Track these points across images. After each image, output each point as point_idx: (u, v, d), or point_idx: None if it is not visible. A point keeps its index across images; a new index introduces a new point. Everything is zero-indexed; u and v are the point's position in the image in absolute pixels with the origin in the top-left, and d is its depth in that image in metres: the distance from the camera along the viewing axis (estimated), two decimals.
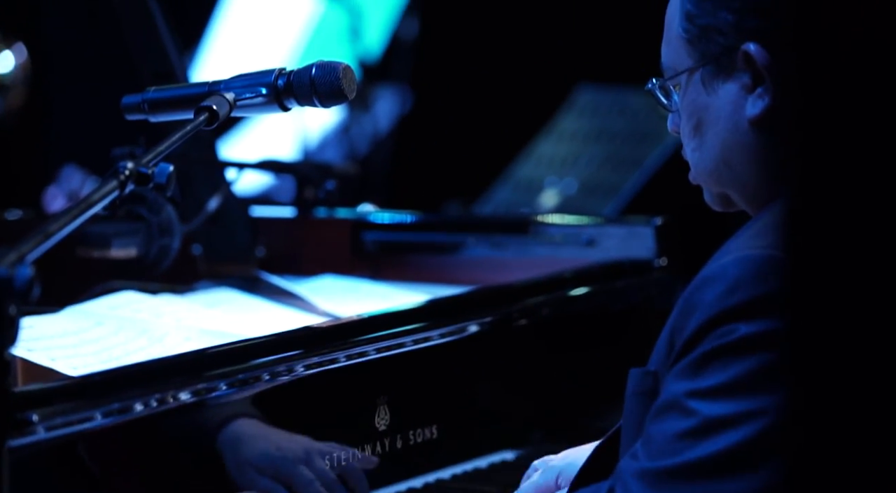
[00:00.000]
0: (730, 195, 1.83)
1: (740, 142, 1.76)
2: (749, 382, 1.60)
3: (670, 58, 1.82)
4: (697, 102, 1.78)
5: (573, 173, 3.96)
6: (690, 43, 1.78)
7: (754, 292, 1.61)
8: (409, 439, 2.20)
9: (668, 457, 1.62)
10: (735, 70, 1.75)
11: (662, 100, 1.84)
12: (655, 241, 2.61)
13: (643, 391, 1.74)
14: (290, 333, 2.12)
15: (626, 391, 1.77)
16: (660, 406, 1.67)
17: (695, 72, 1.78)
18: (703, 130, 1.79)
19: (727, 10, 1.74)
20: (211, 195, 2.67)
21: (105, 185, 1.78)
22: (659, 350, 1.74)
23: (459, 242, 2.81)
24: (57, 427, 1.74)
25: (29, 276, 1.51)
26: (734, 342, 1.61)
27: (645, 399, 1.73)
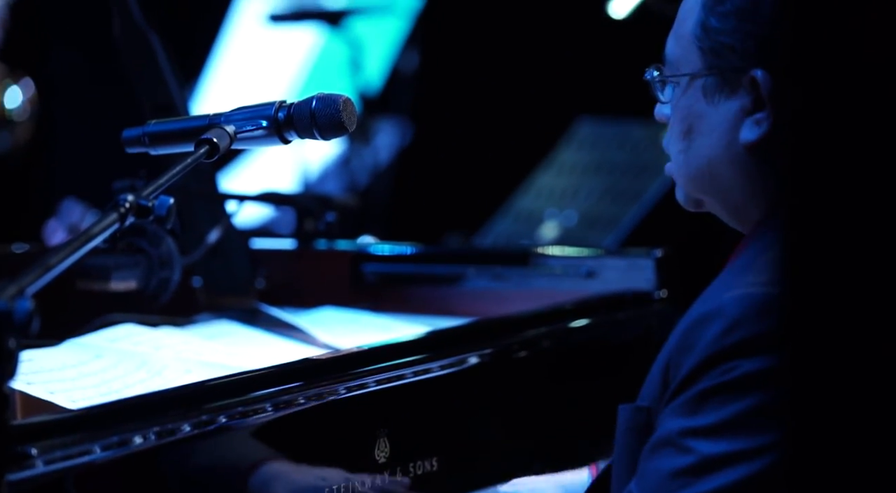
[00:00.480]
0: (704, 202, 1.82)
1: (730, 159, 1.76)
2: (747, 420, 1.59)
3: (675, 54, 1.81)
4: (694, 108, 1.78)
5: (573, 205, 3.97)
6: (701, 50, 1.77)
7: (754, 330, 1.61)
8: (410, 471, 2.19)
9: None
10: (739, 89, 1.74)
11: (658, 91, 1.84)
12: (655, 273, 2.62)
13: (636, 427, 1.73)
14: (290, 365, 2.11)
15: (618, 428, 1.76)
16: (655, 443, 1.66)
17: (698, 78, 1.77)
18: (694, 137, 1.79)
19: (750, 35, 1.73)
20: (211, 228, 2.67)
21: (105, 217, 1.78)
22: (650, 385, 1.74)
23: (460, 274, 2.81)
24: (56, 461, 1.74)
25: (29, 309, 1.51)
26: (734, 380, 1.60)
27: (638, 435, 1.72)
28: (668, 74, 1.81)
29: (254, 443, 2.01)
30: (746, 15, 1.73)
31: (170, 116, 2.36)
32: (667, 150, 1.84)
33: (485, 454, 2.35)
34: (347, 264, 2.88)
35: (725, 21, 1.74)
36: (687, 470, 1.60)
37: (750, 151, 1.75)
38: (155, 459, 1.89)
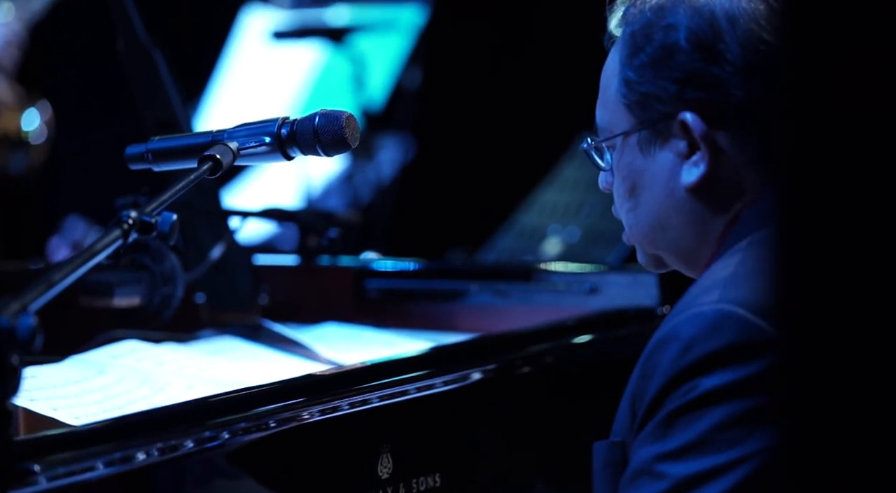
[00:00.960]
0: (663, 257, 1.85)
1: (675, 206, 1.79)
2: (715, 436, 1.60)
3: (605, 119, 1.85)
4: (633, 165, 1.81)
5: (576, 221, 3.97)
6: (628, 107, 1.80)
7: (709, 347, 1.62)
8: (412, 487, 2.19)
9: None
10: (671, 137, 1.78)
11: (596, 159, 1.86)
12: (659, 289, 2.62)
13: (612, 463, 1.73)
14: (292, 381, 2.11)
15: (594, 466, 1.77)
16: (630, 475, 1.66)
17: (631, 135, 1.80)
18: (638, 193, 1.81)
19: (668, 80, 1.76)
20: (214, 244, 2.67)
21: (108, 234, 1.79)
22: (621, 419, 1.74)
23: (462, 290, 2.81)
24: (59, 477, 1.74)
25: (32, 325, 1.52)
26: (696, 399, 1.61)
27: (615, 470, 1.72)
28: (601, 140, 1.84)
29: (257, 459, 2.01)
30: (663, 61, 1.76)
31: (173, 133, 2.36)
32: (617, 215, 1.86)
33: (487, 470, 2.35)
34: (350, 280, 2.88)
35: (644, 72, 1.78)
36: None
37: (693, 192, 1.78)
38: (158, 475, 1.88)
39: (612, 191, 1.86)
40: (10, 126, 4.19)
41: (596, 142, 1.86)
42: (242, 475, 2.00)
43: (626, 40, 1.81)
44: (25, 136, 4.22)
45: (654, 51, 1.78)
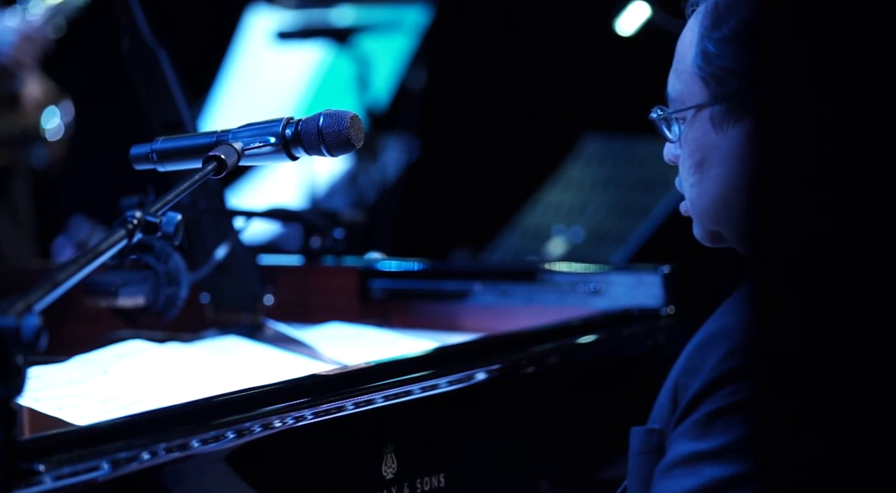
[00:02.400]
0: (723, 234, 1.82)
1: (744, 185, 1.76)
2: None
3: (678, 90, 1.81)
4: (703, 139, 1.77)
5: (580, 221, 3.97)
6: (703, 80, 1.77)
7: None
8: (416, 487, 2.19)
9: None
10: (745, 114, 1.74)
11: (664, 130, 1.84)
12: (663, 289, 2.61)
13: (648, 450, 1.72)
14: (297, 381, 2.11)
15: (630, 450, 1.76)
16: (666, 466, 1.66)
17: (703, 109, 1.77)
18: (707, 168, 1.78)
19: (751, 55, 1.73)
20: (219, 244, 2.67)
21: (113, 234, 1.79)
22: (661, 407, 1.74)
23: (467, 290, 2.81)
24: (64, 477, 1.74)
25: (36, 325, 1.52)
26: (739, 403, 1.60)
27: (650, 457, 1.71)
28: (672, 111, 1.81)
29: (262, 459, 2.01)
30: (745, 37, 1.73)
31: (178, 133, 2.36)
32: (680, 188, 1.84)
33: (492, 470, 2.35)
34: (355, 280, 2.88)
35: (724, 46, 1.74)
36: (699, 489, 1.61)
37: None
38: (163, 475, 1.89)
39: (677, 164, 1.84)
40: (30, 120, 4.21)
41: (666, 113, 1.83)
42: (247, 474, 2.00)
43: (708, 11, 1.77)
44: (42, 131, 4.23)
45: (738, 25, 1.73)
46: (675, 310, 2.61)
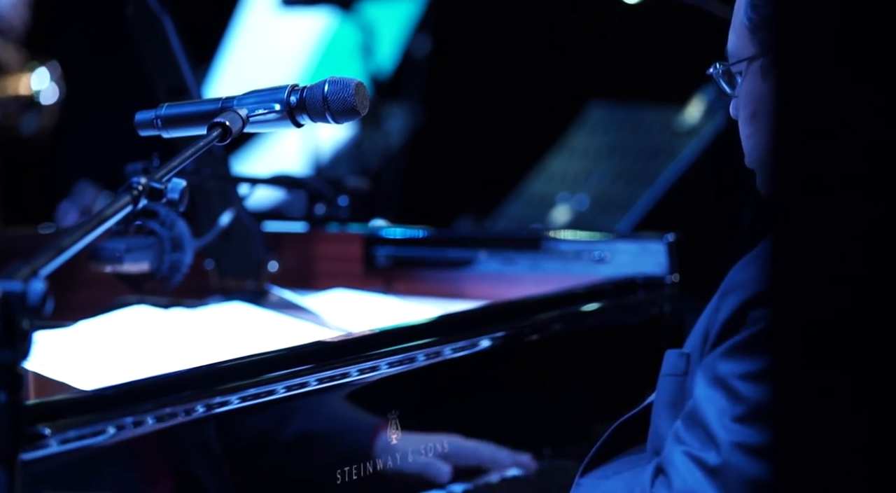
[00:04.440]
0: None
1: None
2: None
3: (733, 43, 1.85)
4: (755, 90, 1.80)
5: (585, 189, 3.97)
6: (752, 32, 1.80)
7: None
8: (420, 453, 2.20)
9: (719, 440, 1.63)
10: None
11: (724, 85, 1.86)
12: (668, 257, 2.61)
13: (676, 373, 1.76)
14: (302, 347, 2.12)
15: (661, 372, 1.81)
16: (706, 381, 1.68)
17: (755, 61, 1.79)
18: (759, 119, 1.81)
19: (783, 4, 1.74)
20: (223, 210, 2.67)
21: (118, 200, 1.79)
22: (695, 332, 1.77)
23: (471, 258, 2.81)
24: (70, 441, 1.75)
25: (42, 290, 1.52)
26: None
27: (677, 380, 1.75)
28: (728, 64, 1.84)
29: (266, 425, 2.02)
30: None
31: (182, 100, 2.36)
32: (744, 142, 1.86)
33: (495, 436, 2.35)
34: (359, 247, 2.89)
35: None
36: (739, 417, 1.63)
37: None
38: (168, 439, 1.90)
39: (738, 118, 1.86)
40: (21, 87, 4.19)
41: (724, 67, 1.85)
42: (252, 440, 2.01)
43: None
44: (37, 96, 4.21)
45: None
46: (679, 278, 2.61)
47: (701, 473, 1.67)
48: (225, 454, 1.98)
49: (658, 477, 1.72)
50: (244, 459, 2.00)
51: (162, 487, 1.91)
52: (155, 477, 1.90)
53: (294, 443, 2.07)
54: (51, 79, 4.21)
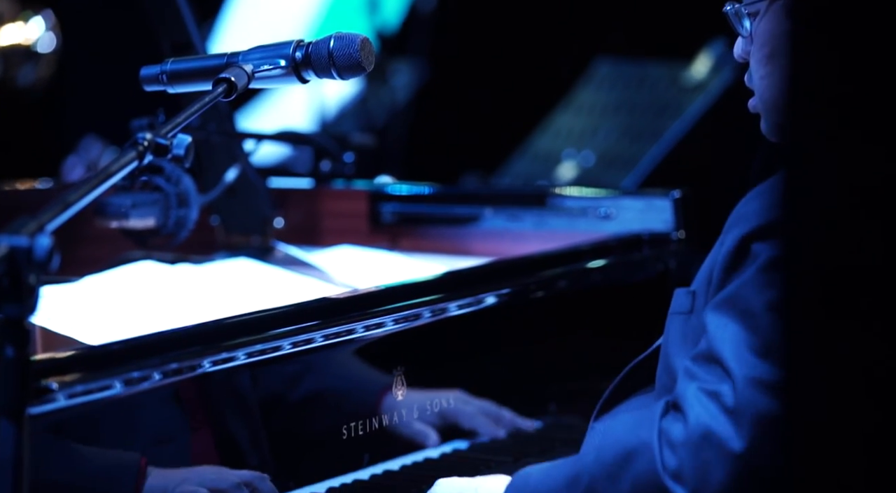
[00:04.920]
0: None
1: None
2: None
3: None
4: (776, 30, 1.79)
5: (591, 146, 3.96)
6: None
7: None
8: (426, 409, 2.21)
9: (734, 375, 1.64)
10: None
11: (736, 24, 1.85)
12: (674, 214, 2.61)
13: (683, 311, 1.77)
14: (307, 303, 2.12)
15: (669, 311, 1.83)
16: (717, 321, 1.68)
17: (777, 1, 1.78)
18: (777, 60, 1.80)
19: None
20: (229, 166, 2.67)
21: (124, 155, 1.79)
22: (702, 270, 1.78)
23: (476, 214, 2.81)
24: (77, 395, 1.76)
25: (48, 245, 1.52)
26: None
27: (683, 318, 1.76)
28: (747, 3, 1.83)
29: (272, 380, 2.03)
30: None
31: (188, 55, 2.35)
32: (749, 84, 1.85)
33: (500, 393, 2.36)
34: (365, 204, 2.88)
35: None
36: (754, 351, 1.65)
37: None
38: (174, 394, 1.90)
39: (747, 60, 1.85)
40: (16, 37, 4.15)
41: (739, 7, 1.84)
42: (257, 395, 2.02)
43: None
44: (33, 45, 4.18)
45: None
46: (685, 234, 2.61)
47: (716, 408, 1.67)
48: (230, 409, 1.99)
49: (669, 413, 1.73)
50: (249, 414, 2.01)
51: (168, 441, 1.92)
52: (161, 431, 1.91)
53: (300, 399, 2.08)
54: (46, 27, 4.18)
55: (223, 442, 1.98)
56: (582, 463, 1.79)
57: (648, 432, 1.72)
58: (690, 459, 1.68)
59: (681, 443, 1.69)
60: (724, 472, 1.64)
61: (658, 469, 1.69)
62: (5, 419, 1.50)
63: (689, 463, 1.68)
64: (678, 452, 1.69)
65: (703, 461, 1.67)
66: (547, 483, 1.81)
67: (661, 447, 1.70)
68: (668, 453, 1.69)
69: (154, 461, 1.87)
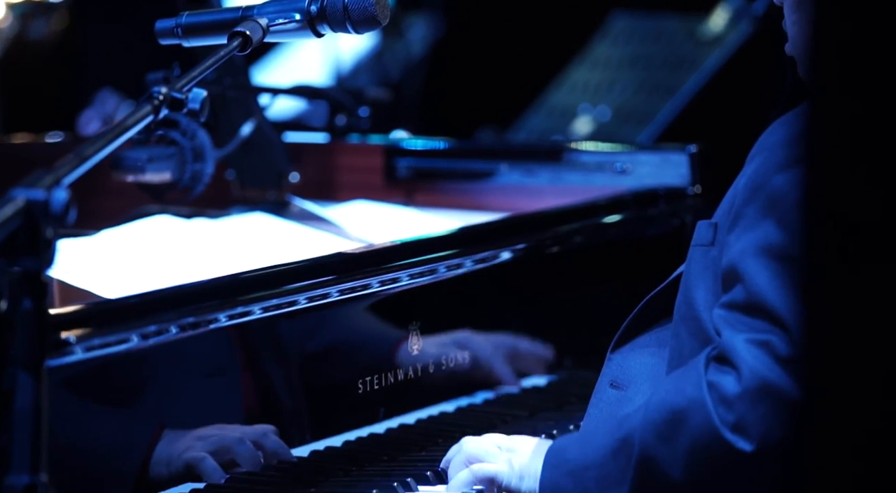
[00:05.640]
0: None
1: None
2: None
3: None
4: None
5: (607, 100, 3.94)
6: None
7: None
8: (441, 364, 2.22)
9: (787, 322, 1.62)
10: None
11: None
12: (690, 168, 2.60)
13: (704, 243, 1.76)
14: (323, 258, 2.13)
15: (691, 243, 1.82)
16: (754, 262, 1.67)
17: None
18: (805, 6, 1.78)
19: None
20: (244, 121, 2.67)
21: (139, 109, 1.79)
22: (724, 202, 1.76)
23: (492, 169, 2.80)
24: (94, 348, 1.77)
25: (65, 199, 1.53)
26: None
27: (704, 250, 1.75)
28: None
29: (287, 335, 2.04)
30: None
31: (203, 8, 2.34)
32: (785, 29, 1.84)
33: (516, 348, 2.37)
34: (380, 159, 2.88)
35: None
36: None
37: None
38: (190, 348, 1.91)
39: (782, 5, 1.84)
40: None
41: None
42: (272, 350, 2.03)
43: None
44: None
45: None
46: (701, 189, 2.60)
47: (769, 358, 1.64)
48: (246, 363, 1.99)
49: (712, 366, 1.69)
50: (265, 368, 2.02)
51: (184, 394, 1.93)
52: (177, 385, 1.92)
53: (315, 353, 2.08)
54: None
55: (238, 396, 1.99)
56: (626, 429, 1.75)
57: (695, 388, 1.69)
58: (750, 411, 1.64)
59: (736, 396, 1.65)
60: (787, 422, 1.61)
61: (715, 425, 1.66)
62: (23, 372, 1.51)
63: (749, 416, 1.65)
64: (735, 406, 1.65)
65: (763, 412, 1.64)
66: (588, 455, 1.77)
67: (714, 403, 1.67)
68: (722, 407, 1.66)
69: (166, 417, 1.88)
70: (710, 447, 1.66)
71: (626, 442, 1.74)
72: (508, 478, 1.86)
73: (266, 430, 1.95)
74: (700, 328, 1.77)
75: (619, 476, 1.73)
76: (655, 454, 1.70)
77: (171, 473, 1.86)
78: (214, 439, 1.90)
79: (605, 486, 1.74)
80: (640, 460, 1.71)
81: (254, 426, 1.95)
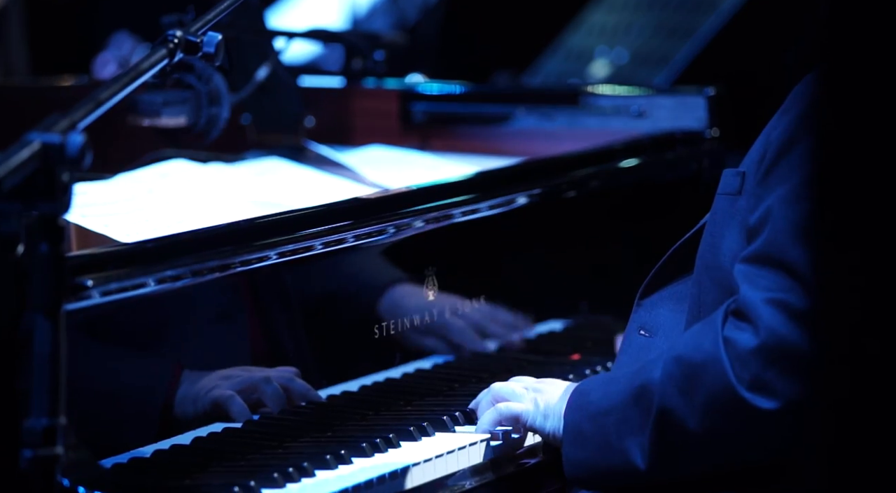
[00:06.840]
0: None
1: None
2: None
3: None
4: None
5: (624, 43, 3.91)
6: None
7: None
8: (457, 309, 2.22)
9: (806, 279, 1.61)
10: None
11: None
12: (707, 111, 2.59)
13: (731, 192, 1.75)
14: (339, 203, 2.12)
15: (717, 191, 1.81)
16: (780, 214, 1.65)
17: None
18: None
19: None
20: (259, 65, 2.66)
21: (154, 53, 1.78)
22: (753, 151, 1.75)
23: (508, 113, 2.79)
24: (111, 293, 1.77)
25: (81, 143, 1.52)
26: None
27: (730, 199, 1.74)
28: None
29: (303, 280, 2.04)
30: None
31: None
32: None
33: (532, 292, 2.37)
34: (396, 103, 2.87)
35: None
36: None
37: None
38: (207, 292, 1.92)
39: None
40: None
41: None
42: (289, 295, 2.03)
43: None
44: None
45: None
46: (719, 133, 2.59)
47: (785, 316, 1.64)
48: (264, 308, 2.00)
49: (729, 321, 1.69)
50: (282, 313, 2.02)
51: (200, 338, 1.94)
52: (193, 329, 1.93)
53: (331, 298, 2.09)
54: None
55: (256, 341, 2.00)
56: (645, 378, 1.75)
57: (712, 344, 1.69)
58: (765, 369, 1.65)
59: (751, 353, 1.66)
60: (804, 379, 1.61)
61: (732, 382, 1.66)
62: (41, 316, 1.51)
63: (765, 375, 1.65)
64: (750, 364, 1.66)
65: (778, 370, 1.64)
66: (611, 399, 1.78)
67: (730, 360, 1.67)
68: (738, 365, 1.66)
69: (186, 361, 1.89)
70: (727, 404, 1.67)
71: (646, 390, 1.75)
72: (533, 417, 1.87)
73: (291, 372, 1.96)
74: (723, 277, 1.76)
75: (639, 424, 1.74)
76: (674, 406, 1.71)
77: (196, 411, 1.87)
78: (241, 379, 1.91)
79: (625, 432, 1.75)
80: (659, 410, 1.72)
81: (277, 367, 1.96)
